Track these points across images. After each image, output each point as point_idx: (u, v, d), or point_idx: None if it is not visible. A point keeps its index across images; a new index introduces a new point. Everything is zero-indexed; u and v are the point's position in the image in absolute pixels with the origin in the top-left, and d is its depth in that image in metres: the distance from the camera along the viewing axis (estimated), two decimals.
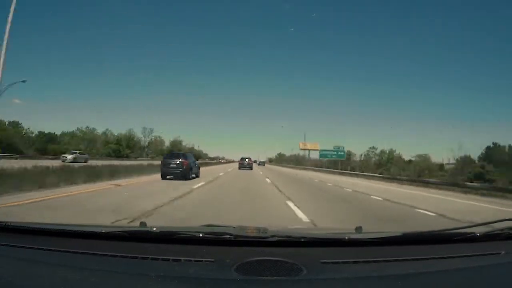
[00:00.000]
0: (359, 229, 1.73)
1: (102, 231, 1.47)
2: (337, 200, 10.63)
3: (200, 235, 1.43)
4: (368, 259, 1.30)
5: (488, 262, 1.33)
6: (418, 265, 1.28)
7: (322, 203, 9.75)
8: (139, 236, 1.46)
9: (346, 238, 1.48)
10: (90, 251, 1.30)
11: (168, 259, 1.23)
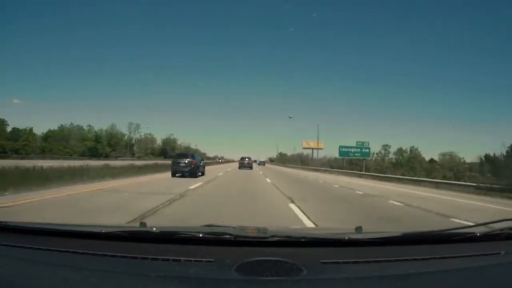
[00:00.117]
0: (359, 229, 1.73)
1: (102, 231, 1.47)
2: None
3: (200, 235, 1.43)
4: (368, 259, 1.30)
5: (488, 262, 1.33)
6: (418, 265, 1.28)
7: None
8: (139, 236, 1.46)
9: (346, 238, 1.48)
10: (90, 251, 1.30)
11: (168, 259, 1.23)
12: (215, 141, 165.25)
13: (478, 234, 1.52)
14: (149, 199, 8.40)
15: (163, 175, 18.50)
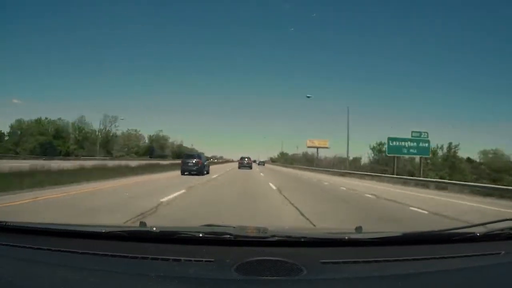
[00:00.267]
0: (359, 229, 1.73)
1: (102, 231, 1.47)
2: None
3: (200, 235, 1.43)
4: (368, 259, 1.29)
5: (488, 262, 1.33)
6: (418, 265, 1.28)
7: None
8: (139, 236, 1.46)
9: (346, 238, 1.48)
10: (90, 251, 1.30)
11: (168, 259, 1.23)
12: (214, 141, 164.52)
13: (478, 234, 1.52)
14: None
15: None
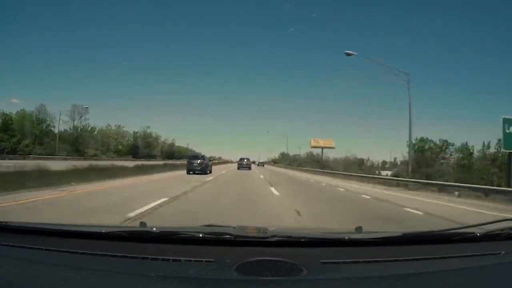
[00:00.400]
0: (359, 229, 1.73)
1: (102, 231, 1.47)
2: None
3: (200, 235, 1.43)
4: (368, 259, 1.29)
5: (488, 262, 1.33)
6: (418, 265, 1.28)
7: None
8: (139, 236, 1.46)
9: (346, 238, 1.48)
10: (90, 251, 1.30)
11: (168, 259, 1.23)
12: (213, 141, 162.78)
13: (478, 234, 1.52)
14: None
15: None
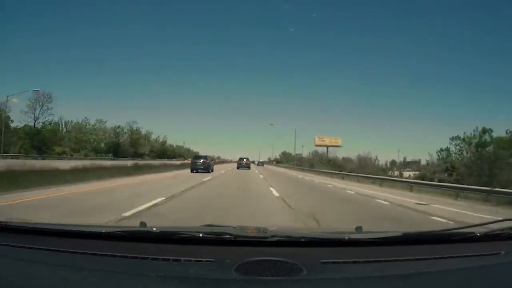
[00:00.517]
0: (359, 229, 1.73)
1: (102, 231, 1.47)
2: None
3: (200, 235, 1.43)
4: (368, 259, 1.29)
5: (488, 262, 1.33)
6: (419, 265, 1.28)
7: None
8: (139, 236, 1.46)
9: (346, 238, 1.48)
10: (90, 251, 1.30)
11: (168, 259, 1.23)
12: (212, 141, 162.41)
13: (478, 234, 1.52)
14: None
15: None
